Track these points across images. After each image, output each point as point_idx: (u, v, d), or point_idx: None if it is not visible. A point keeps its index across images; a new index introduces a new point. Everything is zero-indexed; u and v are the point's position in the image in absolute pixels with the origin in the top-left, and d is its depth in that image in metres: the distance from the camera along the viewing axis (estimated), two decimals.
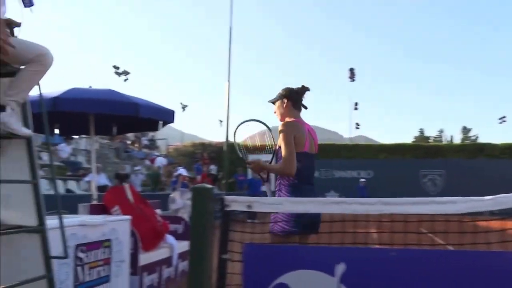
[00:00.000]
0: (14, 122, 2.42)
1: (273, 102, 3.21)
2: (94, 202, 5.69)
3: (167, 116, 5.66)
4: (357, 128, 43.43)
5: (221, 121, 35.35)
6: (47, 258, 2.44)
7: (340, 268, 1.70)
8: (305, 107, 3.17)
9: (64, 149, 14.74)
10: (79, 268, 3.32)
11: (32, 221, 2.45)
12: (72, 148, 15.82)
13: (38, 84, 2.62)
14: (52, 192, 2.80)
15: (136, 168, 17.54)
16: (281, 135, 2.98)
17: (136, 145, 22.30)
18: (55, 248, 2.53)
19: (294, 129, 2.99)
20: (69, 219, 3.32)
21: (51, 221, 2.59)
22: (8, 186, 2.50)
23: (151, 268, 4.71)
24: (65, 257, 2.58)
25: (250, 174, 14.99)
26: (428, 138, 58.33)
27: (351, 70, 36.26)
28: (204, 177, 15.14)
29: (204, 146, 24.63)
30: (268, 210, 1.82)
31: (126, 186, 5.18)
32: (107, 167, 14.93)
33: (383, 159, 22.82)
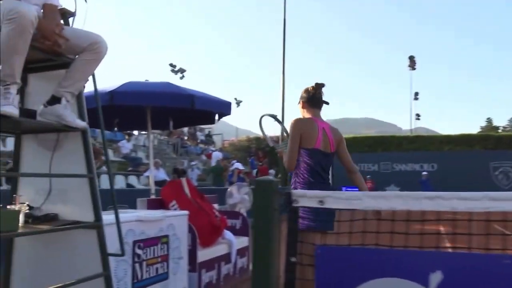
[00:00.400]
0: (68, 114, 2.34)
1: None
2: (152, 197, 5.69)
3: (224, 107, 5.51)
4: (418, 119, 41.42)
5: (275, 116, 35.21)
6: (104, 255, 2.34)
7: (436, 278, 1.40)
8: (327, 103, 3.24)
9: (125, 146, 15.25)
10: (137, 265, 3.23)
11: (88, 217, 2.36)
12: (133, 145, 16.34)
13: (93, 75, 2.52)
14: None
15: (193, 163, 17.80)
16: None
17: (193, 140, 22.67)
18: (113, 244, 2.43)
19: (301, 126, 3.07)
20: (127, 215, 3.24)
21: (108, 217, 2.49)
22: (65, 180, 2.42)
23: (209, 264, 4.58)
24: (122, 254, 2.47)
25: None
26: (497, 128, 54.37)
27: (411, 58, 34.51)
28: (262, 170, 14.96)
29: (259, 141, 24.55)
30: (343, 206, 1.55)
31: (183, 180, 5.10)
32: (165, 162, 15.25)
33: (448, 151, 21.51)
